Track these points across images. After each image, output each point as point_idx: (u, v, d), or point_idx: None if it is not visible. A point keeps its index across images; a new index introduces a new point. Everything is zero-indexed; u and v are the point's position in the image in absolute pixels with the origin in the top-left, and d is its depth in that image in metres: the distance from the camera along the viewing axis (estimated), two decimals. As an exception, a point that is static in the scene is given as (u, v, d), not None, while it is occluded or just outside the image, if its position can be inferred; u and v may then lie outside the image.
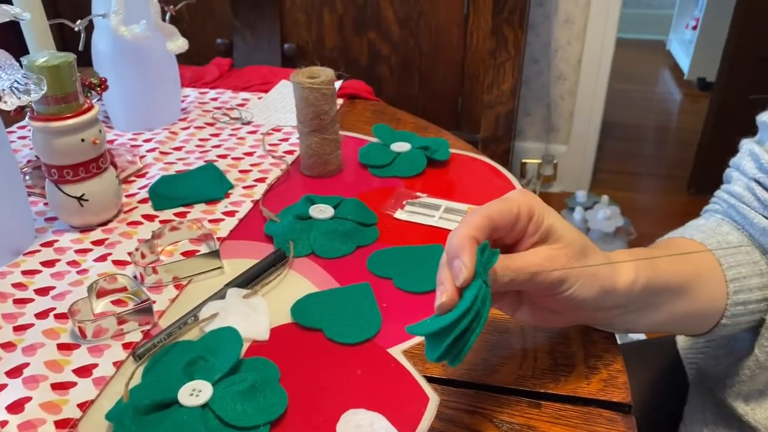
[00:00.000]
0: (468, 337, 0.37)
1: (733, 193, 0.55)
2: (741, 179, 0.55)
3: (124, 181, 0.72)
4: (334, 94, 0.68)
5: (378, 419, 0.43)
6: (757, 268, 0.53)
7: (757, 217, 0.52)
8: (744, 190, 0.54)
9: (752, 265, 0.53)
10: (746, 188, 0.54)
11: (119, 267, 0.58)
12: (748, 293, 0.52)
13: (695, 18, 3.30)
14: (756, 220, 0.53)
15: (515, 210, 0.41)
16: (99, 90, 0.69)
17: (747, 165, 0.55)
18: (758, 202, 0.53)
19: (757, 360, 0.53)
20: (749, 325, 0.54)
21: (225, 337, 0.48)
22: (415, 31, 1.66)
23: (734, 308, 0.51)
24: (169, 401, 0.43)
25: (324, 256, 0.59)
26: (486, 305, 0.38)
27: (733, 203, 0.55)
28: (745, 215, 0.54)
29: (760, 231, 0.52)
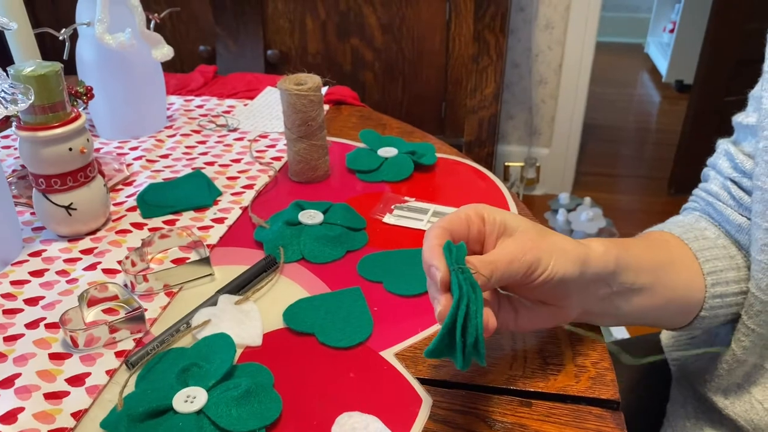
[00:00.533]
0: (475, 322, 0.39)
1: (710, 191, 0.57)
2: (717, 178, 0.57)
3: (111, 190, 0.72)
4: (321, 100, 0.69)
5: (373, 421, 0.43)
6: (734, 262, 0.54)
7: (733, 214, 0.54)
8: (720, 188, 0.56)
9: (728, 259, 0.54)
10: (722, 187, 0.56)
11: (109, 276, 0.58)
12: (725, 286, 0.53)
13: (672, 21, 3.35)
14: (732, 217, 0.54)
15: (464, 216, 0.44)
16: (85, 99, 0.68)
17: (723, 164, 0.56)
18: (734, 201, 0.54)
19: (734, 354, 0.54)
20: (727, 318, 0.55)
21: (218, 343, 0.48)
22: (398, 37, 1.67)
23: (712, 301, 0.53)
24: (164, 408, 0.43)
25: (314, 261, 0.60)
26: (476, 289, 0.39)
27: (710, 201, 0.56)
28: (722, 212, 0.55)
29: (735, 228, 0.54)
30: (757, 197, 0.51)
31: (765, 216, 0.51)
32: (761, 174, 0.51)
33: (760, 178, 0.51)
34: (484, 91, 1.69)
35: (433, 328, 0.52)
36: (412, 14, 1.64)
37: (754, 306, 0.52)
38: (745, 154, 0.55)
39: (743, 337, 0.53)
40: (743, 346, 0.54)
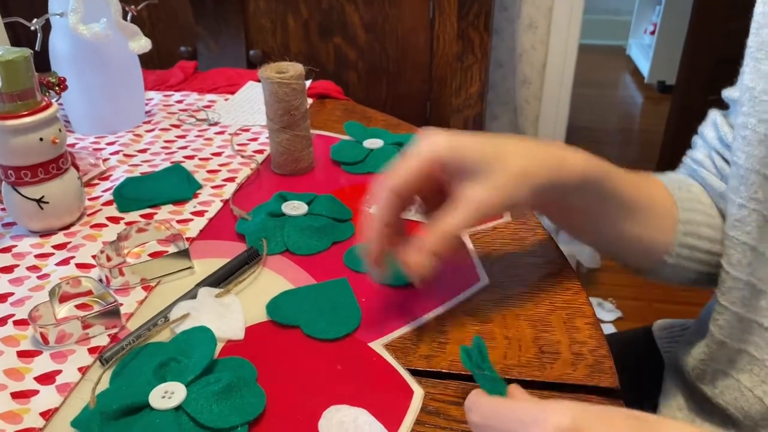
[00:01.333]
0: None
1: (695, 158, 0.58)
2: (704, 147, 0.58)
3: (86, 185, 0.69)
4: (304, 89, 0.67)
5: (362, 414, 0.41)
6: (712, 221, 0.55)
7: (716, 182, 0.55)
8: (705, 157, 0.57)
9: (707, 217, 0.55)
10: (707, 156, 0.57)
11: (83, 271, 0.55)
12: (697, 239, 0.54)
13: (653, 23, 3.38)
14: (715, 184, 0.55)
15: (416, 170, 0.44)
16: (58, 89, 0.66)
17: (709, 134, 0.57)
18: (716, 170, 0.55)
19: (713, 336, 0.54)
20: (690, 277, 0.56)
21: (198, 337, 0.46)
22: (381, 36, 1.66)
23: (680, 249, 0.53)
24: (140, 405, 0.40)
25: (299, 253, 0.57)
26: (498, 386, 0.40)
27: (695, 168, 0.58)
28: (705, 179, 0.56)
29: (717, 195, 0.55)
30: (733, 172, 0.51)
31: (738, 192, 0.50)
32: (737, 149, 0.50)
33: (736, 153, 0.50)
34: (469, 90, 1.67)
35: (424, 318, 0.50)
36: (395, 13, 1.63)
37: (725, 282, 0.52)
38: (729, 126, 0.55)
39: (718, 316, 0.53)
40: (719, 326, 0.54)
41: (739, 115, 0.50)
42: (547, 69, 2.20)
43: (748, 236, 0.50)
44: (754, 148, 0.49)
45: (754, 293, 0.51)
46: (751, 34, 0.50)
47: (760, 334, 0.52)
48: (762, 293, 0.51)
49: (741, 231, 0.51)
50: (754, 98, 0.48)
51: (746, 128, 0.49)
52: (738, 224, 0.51)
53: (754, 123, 0.48)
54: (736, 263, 0.51)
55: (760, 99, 0.48)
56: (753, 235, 0.50)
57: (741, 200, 0.50)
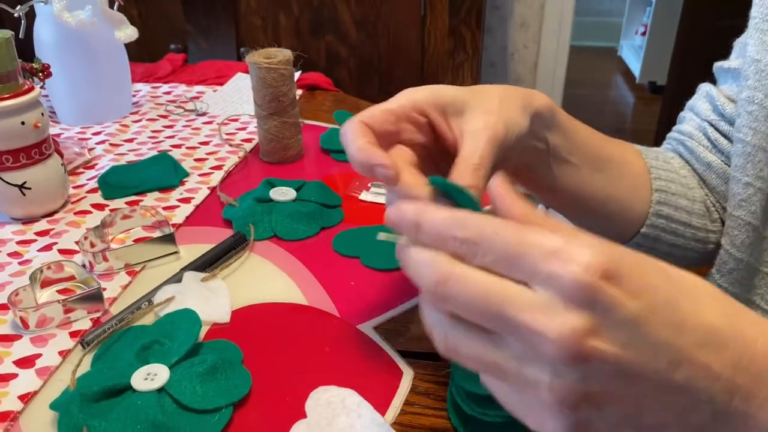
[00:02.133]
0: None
1: (683, 131, 0.57)
2: (694, 120, 0.56)
3: (71, 173, 0.68)
4: (292, 74, 0.66)
5: (350, 395, 0.40)
6: (690, 193, 0.53)
7: (704, 152, 0.54)
8: (695, 129, 0.55)
9: (684, 188, 0.53)
10: (698, 128, 0.55)
11: (66, 256, 0.54)
12: (672, 209, 0.52)
13: (644, 24, 3.39)
14: (702, 154, 0.54)
15: (389, 110, 0.39)
16: (42, 76, 0.65)
17: (702, 106, 0.55)
18: (709, 142, 0.54)
19: None
20: (670, 252, 0.54)
21: (182, 319, 0.45)
22: (372, 33, 1.65)
23: (655, 219, 0.52)
24: (122, 387, 0.39)
25: (287, 239, 0.56)
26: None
27: (682, 139, 0.56)
28: (692, 149, 0.55)
29: (705, 165, 0.53)
30: (738, 150, 0.49)
31: (744, 170, 0.49)
32: (743, 126, 0.49)
33: (741, 129, 0.49)
34: (461, 87, 1.67)
35: (414, 301, 0.49)
36: (386, 10, 1.62)
37: (727, 263, 0.51)
38: (727, 98, 0.53)
39: None
40: None
41: (743, 89, 0.48)
42: (539, 68, 2.21)
43: (752, 216, 0.49)
44: (761, 123, 0.47)
45: (750, 272, 0.51)
46: (754, 5, 0.49)
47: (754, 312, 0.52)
48: (757, 271, 0.50)
49: (746, 211, 0.49)
50: (761, 71, 0.47)
51: (752, 103, 0.47)
52: (744, 204, 0.49)
53: (761, 97, 0.47)
54: (740, 245, 0.50)
55: (767, 72, 0.47)
56: (758, 215, 0.49)
57: (748, 178, 0.48)
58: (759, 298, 0.52)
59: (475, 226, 0.26)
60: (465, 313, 0.26)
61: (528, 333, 0.24)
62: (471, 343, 0.27)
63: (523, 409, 0.27)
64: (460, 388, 0.38)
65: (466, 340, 0.27)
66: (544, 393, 0.25)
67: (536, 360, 0.25)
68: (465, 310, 0.26)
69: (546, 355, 0.24)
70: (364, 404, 0.39)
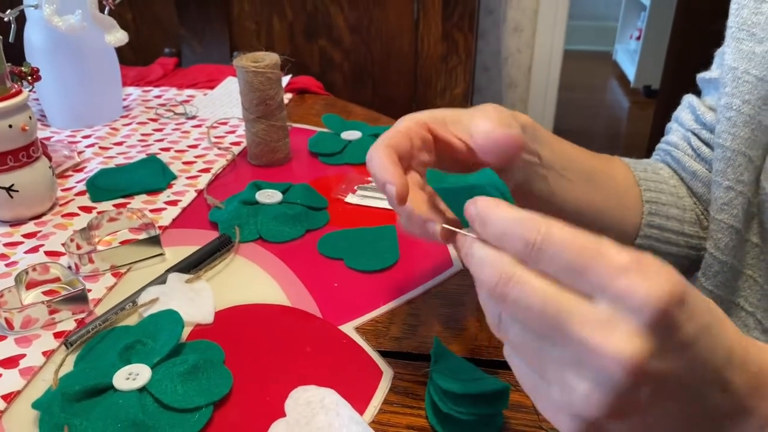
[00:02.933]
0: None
1: (669, 142, 0.58)
2: (679, 130, 0.58)
3: (61, 176, 0.68)
4: (279, 78, 0.66)
5: (329, 394, 0.40)
6: (680, 202, 0.55)
7: (689, 161, 0.55)
8: (680, 139, 0.57)
9: (675, 197, 0.55)
10: (683, 138, 0.57)
11: (53, 258, 0.54)
12: (664, 219, 0.53)
13: (638, 28, 3.41)
14: (688, 164, 0.55)
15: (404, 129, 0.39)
16: (30, 79, 0.65)
17: (685, 117, 0.57)
18: (692, 151, 0.55)
19: None
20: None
21: (165, 320, 0.45)
22: (366, 38, 1.66)
23: (648, 230, 0.53)
24: (104, 387, 0.40)
25: (272, 241, 0.57)
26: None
27: (669, 150, 0.58)
28: (679, 159, 0.56)
29: (690, 174, 0.55)
30: (718, 155, 0.50)
31: (725, 174, 0.50)
32: (722, 131, 0.50)
33: (721, 135, 0.50)
34: (454, 91, 1.68)
35: (395, 302, 0.49)
36: (380, 14, 1.63)
37: (712, 267, 0.52)
38: (706, 107, 0.55)
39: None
40: None
41: (722, 96, 0.50)
42: (533, 72, 2.21)
43: (735, 219, 0.50)
44: (740, 129, 0.48)
45: (734, 275, 0.51)
46: (731, 15, 0.50)
47: (737, 314, 0.53)
48: (741, 274, 0.51)
49: (728, 214, 0.50)
50: (737, 78, 0.48)
51: (731, 109, 0.49)
52: (726, 207, 0.50)
53: (738, 104, 0.48)
54: (724, 247, 0.51)
55: (744, 79, 0.48)
56: (740, 218, 0.50)
57: (728, 182, 0.50)
58: (743, 300, 0.53)
59: (544, 231, 0.26)
60: (521, 316, 0.27)
61: (583, 347, 0.24)
62: (521, 334, 0.27)
63: (543, 399, 0.28)
64: (437, 387, 0.39)
65: (517, 331, 0.28)
66: (577, 399, 0.25)
67: (582, 370, 0.25)
68: (522, 314, 0.27)
69: (598, 370, 0.24)
70: (343, 403, 0.40)
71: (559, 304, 0.25)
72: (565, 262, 0.25)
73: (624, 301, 0.24)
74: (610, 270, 0.24)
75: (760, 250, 0.51)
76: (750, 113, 0.48)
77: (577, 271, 0.25)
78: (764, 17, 0.48)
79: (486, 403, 0.38)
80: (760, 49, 0.48)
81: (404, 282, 0.52)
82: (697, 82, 0.57)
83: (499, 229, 0.28)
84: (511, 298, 0.26)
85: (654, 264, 0.24)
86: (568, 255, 0.25)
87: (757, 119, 0.48)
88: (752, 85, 0.48)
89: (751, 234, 0.52)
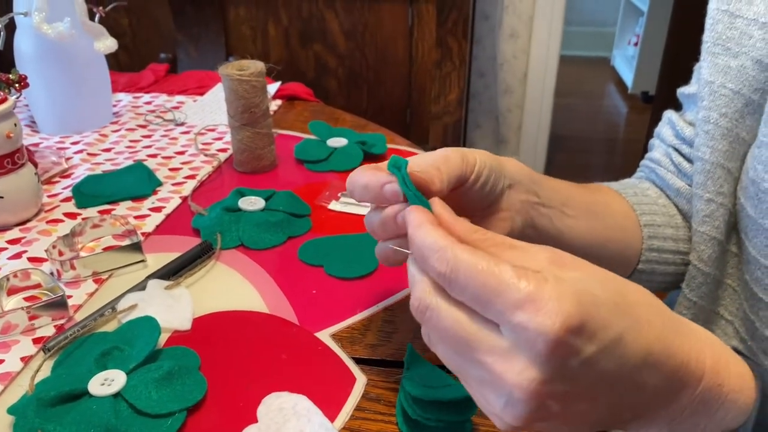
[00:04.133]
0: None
1: (653, 159, 0.58)
2: (661, 146, 0.58)
3: (48, 182, 0.69)
4: (264, 86, 0.67)
5: (301, 401, 0.41)
6: (673, 220, 0.55)
7: (673, 179, 0.55)
8: (663, 155, 0.57)
9: (667, 217, 0.55)
10: (665, 154, 0.57)
11: (35, 264, 0.55)
12: (662, 241, 0.54)
13: (636, 35, 3.41)
14: (671, 181, 0.55)
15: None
16: (18, 87, 0.66)
17: (666, 133, 0.57)
18: (674, 167, 0.56)
19: None
20: (664, 280, 0.55)
21: (142, 326, 0.46)
22: (361, 44, 1.67)
23: (649, 254, 0.53)
24: (79, 392, 0.40)
25: (253, 247, 0.57)
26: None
27: (653, 167, 0.58)
28: (663, 177, 0.57)
29: (675, 192, 0.55)
30: (698, 168, 0.51)
31: (706, 187, 0.50)
32: (701, 144, 0.50)
33: (700, 148, 0.51)
34: (448, 97, 1.68)
35: (373, 309, 0.50)
36: (374, 20, 1.64)
37: (696, 278, 0.52)
38: (686, 122, 0.55)
39: (685, 311, 0.53)
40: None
41: (700, 109, 0.51)
42: (529, 78, 2.22)
43: (716, 231, 0.51)
44: (718, 142, 0.49)
45: (716, 285, 0.52)
46: (706, 30, 0.51)
47: (717, 323, 0.53)
48: (722, 284, 0.52)
49: (710, 226, 0.51)
50: (714, 92, 0.49)
51: (708, 122, 0.50)
52: (707, 219, 0.51)
53: (716, 117, 0.49)
54: (707, 259, 0.52)
55: (720, 93, 0.49)
56: (721, 229, 0.51)
57: (709, 195, 0.50)
58: (723, 309, 0.53)
59: (452, 264, 0.28)
60: (441, 337, 0.30)
61: (491, 373, 0.28)
62: (445, 350, 0.31)
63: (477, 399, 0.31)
64: (407, 394, 0.39)
65: (441, 349, 0.31)
66: (497, 412, 0.29)
67: (495, 391, 0.28)
68: (441, 336, 0.30)
69: (506, 393, 0.27)
70: (314, 409, 0.40)
71: (468, 334, 0.28)
72: (471, 294, 0.28)
73: (520, 334, 0.26)
74: (508, 304, 0.26)
75: (738, 260, 0.52)
76: (727, 126, 0.49)
77: (483, 302, 0.27)
78: (738, 32, 0.48)
79: (454, 409, 0.38)
80: (735, 63, 0.48)
81: (382, 289, 0.52)
82: (678, 96, 0.57)
83: (418, 253, 0.30)
84: (430, 324, 0.30)
85: (552, 293, 0.26)
86: (473, 288, 0.27)
87: (735, 132, 0.49)
88: (728, 98, 0.49)
89: (731, 244, 0.52)
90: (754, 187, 0.47)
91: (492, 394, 0.28)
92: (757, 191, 0.46)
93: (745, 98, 0.48)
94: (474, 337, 0.28)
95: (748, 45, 0.48)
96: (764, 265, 0.48)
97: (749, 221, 0.48)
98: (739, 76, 0.48)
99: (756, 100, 0.48)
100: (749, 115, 0.49)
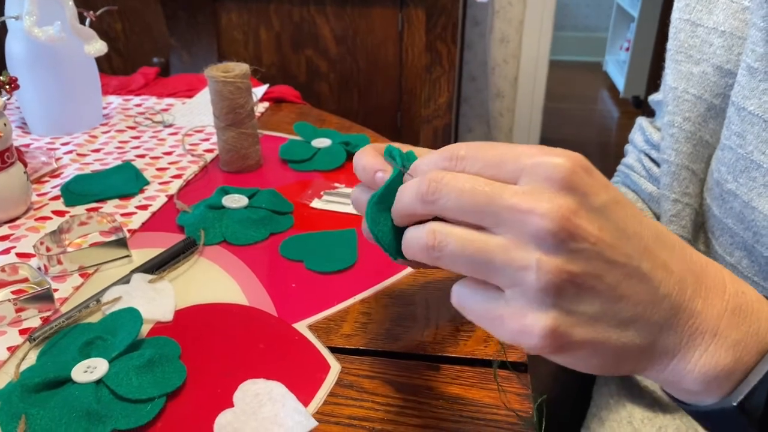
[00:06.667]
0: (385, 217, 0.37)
1: (626, 164, 0.60)
2: (633, 152, 0.60)
3: (37, 181, 0.70)
4: (249, 87, 0.69)
5: (276, 387, 0.43)
6: None
7: (645, 184, 0.57)
8: (635, 161, 0.59)
9: None
10: (636, 159, 0.58)
11: (24, 260, 0.56)
12: None
13: (628, 40, 3.45)
14: (644, 186, 0.57)
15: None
16: (8, 89, 0.67)
17: (637, 139, 0.59)
18: (645, 171, 0.57)
19: None
20: None
21: (125, 317, 0.47)
22: (352, 48, 1.69)
23: None
24: (63, 379, 0.42)
25: (236, 243, 0.59)
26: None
27: (627, 173, 0.59)
28: (636, 182, 0.58)
29: (647, 196, 0.56)
30: (665, 170, 0.53)
31: (672, 188, 0.52)
32: (666, 147, 0.52)
33: (665, 151, 0.53)
34: (438, 101, 1.71)
35: (349, 301, 0.52)
36: (365, 25, 1.66)
37: None
38: (654, 128, 0.57)
39: None
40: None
41: (665, 114, 0.53)
42: (519, 82, 2.25)
43: (684, 230, 0.53)
44: (682, 144, 0.51)
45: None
46: (670, 39, 0.53)
47: None
48: None
49: (678, 226, 0.53)
50: (678, 97, 0.51)
51: (673, 126, 0.52)
52: (675, 219, 0.53)
53: (680, 121, 0.51)
54: None
55: (683, 98, 0.51)
56: (688, 229, 0.53)
57: (675, 195, 0.52)
58: None
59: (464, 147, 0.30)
60: (454, 210, 0.29)
61: (518, 214, 0.27)
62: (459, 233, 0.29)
63: (501, 314, 0.29)
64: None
65: (453, 237, 0.30)
66: (530, 276, 0.27)
67: (524, 242, 0.27)
68: (454, 207, 0.29)
69: (536, 232, 0.27)
70: (289, 395, 0.42)
71: (488, 187, 0.29)
72: (485, 160, 0.29)
73: (538, 174, 0.28)
74: (522, 157, 0.28)
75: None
76: (691, 130, 0.51)
77: (497, 163, 0.29)
78: (699, 40, 0.51)
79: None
80: (697, 69, 0.51)
81: (359, 282, 0.54)
82: (649, 103, 0.60)
83: (424, 167, 0.32)
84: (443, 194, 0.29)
85: (558, 148, 0.29)
86: (485, 154, 0.29)
87: (698, 135, 0.51)
88: (691, 103, 0.51)
89: (699, 243, 0.54)
90: (719, 188, 0.49)
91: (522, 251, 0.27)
92: (721, 192, 0.48)
93: (707, 103, 0.50)
94: (495, 188, 0.28)
95: (709, 52, 0.50)
96: (729, 263, 0.49)
97: (715, 221, 0.50)
98: (701, 82, 0.50)
99: (718, 105, 0.50)
100: (712, 119, 0.51)
